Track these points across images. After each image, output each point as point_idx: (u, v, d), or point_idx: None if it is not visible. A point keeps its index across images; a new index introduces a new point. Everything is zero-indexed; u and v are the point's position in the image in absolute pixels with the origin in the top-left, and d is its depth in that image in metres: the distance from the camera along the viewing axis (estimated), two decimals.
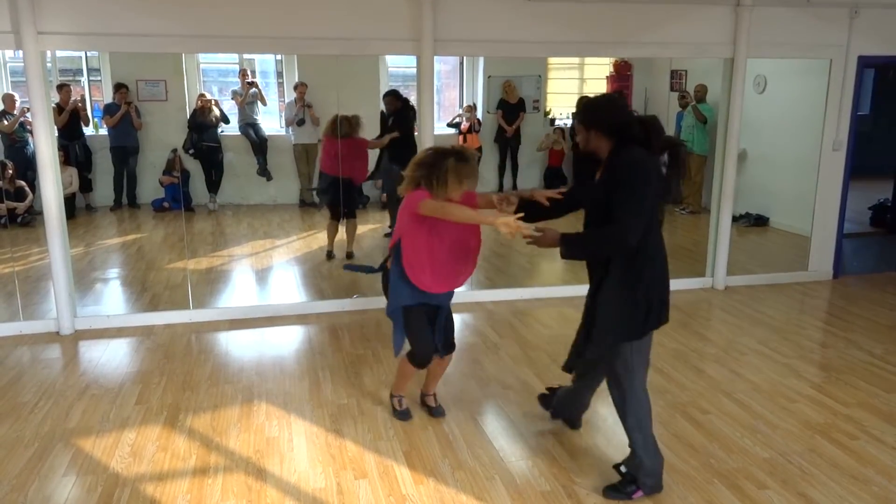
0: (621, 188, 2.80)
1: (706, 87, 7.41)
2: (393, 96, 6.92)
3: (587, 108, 3.05)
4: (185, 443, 3.52)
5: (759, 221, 7.59)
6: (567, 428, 3.68)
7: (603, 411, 3.91)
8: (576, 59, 8.34)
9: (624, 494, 3.05)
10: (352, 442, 3.53)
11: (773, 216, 7.56)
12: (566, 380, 3.59)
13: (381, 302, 5.59)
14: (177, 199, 7.25)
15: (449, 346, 3.66)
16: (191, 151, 7.42)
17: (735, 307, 5.69)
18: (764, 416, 3.82)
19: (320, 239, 7.15)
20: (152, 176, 7.45)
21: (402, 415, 3.78)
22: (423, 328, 3.51)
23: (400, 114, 6.77)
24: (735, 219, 6.45)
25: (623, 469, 3.11)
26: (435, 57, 5.31)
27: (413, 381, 3.85)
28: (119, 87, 7.14)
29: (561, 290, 5.94)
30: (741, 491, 3.13)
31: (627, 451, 3.10)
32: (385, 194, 7.60)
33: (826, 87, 6.14)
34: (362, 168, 6.75)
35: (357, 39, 5.16)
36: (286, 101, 7.84)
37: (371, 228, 7.52)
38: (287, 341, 4.98)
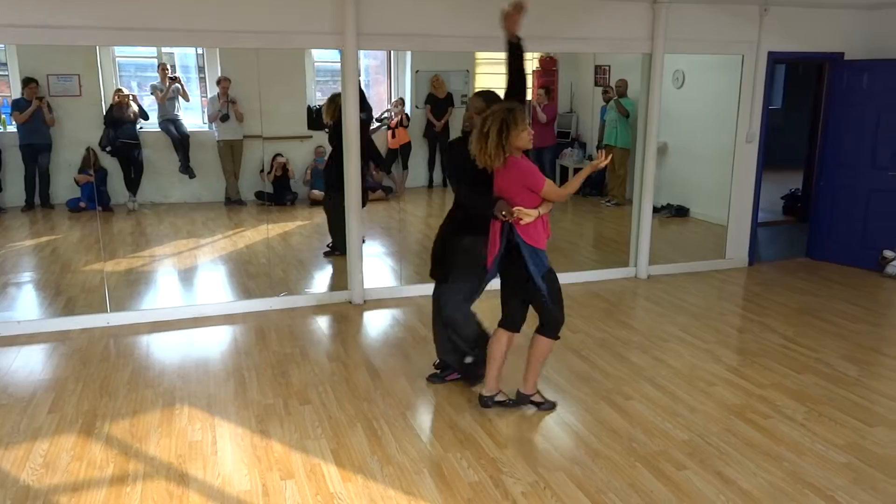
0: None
1: (627, 81, 7.60)
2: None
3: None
4: (102, 451, 3.39)
5: (680, 212, 7.85)
6: (494, 418, 3.72)
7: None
8: (503, 55, 8.41)
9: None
10: (278, 442, 3.47)
11: (693, 207, 7.83)
12: None
13: (307, 300, 5.55)
14: (93, 199, 6.96)
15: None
16: (108, 149, 7.12)
17: (657, 295, 5.87)
18: (684, 400, 3.96)
19: (247, 237, 7.00)
20: (67, 175, 7.12)
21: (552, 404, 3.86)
22: None
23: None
24: (657, 210, 6.65)
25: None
26: (361, 51, 5.27)
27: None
28: (28, 82, 6.78)
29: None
30: (661, 472, 3.23)
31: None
32: (314, 191, 7.52)
33: (739, 82, 6.40)
34: None
35: (280, 33, 5.07)
36: (209, 96, 7.63)
37: (299, 225, 7.41)
38: (211, 343, 4.86)
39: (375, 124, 7.30)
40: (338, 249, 6.42)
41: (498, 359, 3.76)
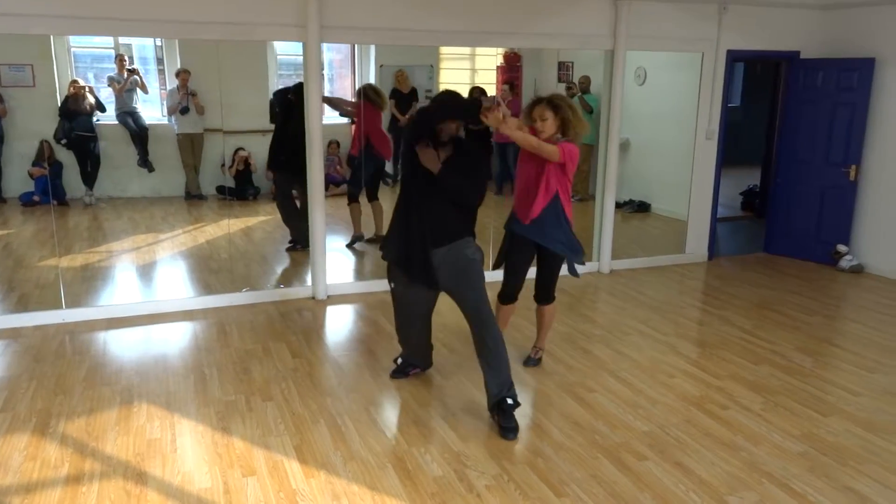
0: None
1: (590, 78, 7.66)
2: None
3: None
4: (56, 450, 3.31)
5: (642, 207, 7.95)
6: (459, 413, 3.72)
7: None
8: (467, 50, 8.41)
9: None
10: (240, 439, 3.43)
11: (654, 202, 7.93)
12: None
13: (269, 296, 5.48)
14: (47, 193, 6.77)
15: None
16: (63, 141, 6.94)
17: (619, 290, 5.95)
18: (645, 392, 4.01)
19: (208, 232, 6.89)
20: (20, 167, 6.91)
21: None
22: None
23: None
24: (619, 205, 6.73)
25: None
26: (325, 45, 5.22)
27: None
28: None
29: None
30: (623, 464, 3.27)
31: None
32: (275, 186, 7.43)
33: (699, 80, 6.50)
34: None
35: (241, 24, 4.99)
36: (168, 88, 7.47)
37: (262, 220, 7.32)
38: (171, 339, 4.77)
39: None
40: (298, 243, 6.40)
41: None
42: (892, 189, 6.36)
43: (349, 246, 6.74)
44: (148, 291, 5.91)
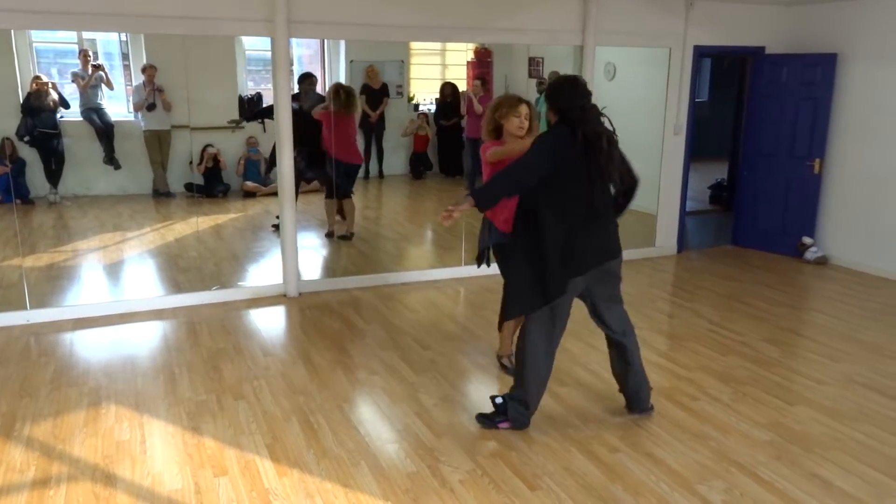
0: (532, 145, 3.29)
1: (559, 73, 7.69)
2: None
3: (550, 87, 3.47)
4: (22, 454, 3.24)
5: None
6: (432, 409, 3.73)
7: (466, 389, 4.00)
8: (438, 45, 8.40)
9: (492, 423, 3.51)
10: (211, 438, 3.39)
11: None
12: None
13: (240, 293, 5.43)
14: (9, 191, 6.62)
15: None
16: (26, 139, 6.79)
17: None
18: (616, 385, 4.04)
19: (176, 230, 6.80)
20: None
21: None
22: None
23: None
24: None
25: (498, 400, 3.53)
26: (295, 40, 5.17)
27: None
28: None
29: (427, 273, 6.01)
30: (595, 456, 3.31)
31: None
32: (247, 182, 7.36)
33: (667, 75, 6.57)
34: None
35: (207, 19, 4.92)
36: (134, 84, 7.35)
37: (232, 218, 7.25)
38: (140, 339, 4.70)
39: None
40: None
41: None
42: (854, 182, 6.50)
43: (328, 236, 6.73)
44: (115, 291, 5.82)
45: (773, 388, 4.06)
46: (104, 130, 7.12)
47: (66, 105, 6.94)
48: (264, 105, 7.28)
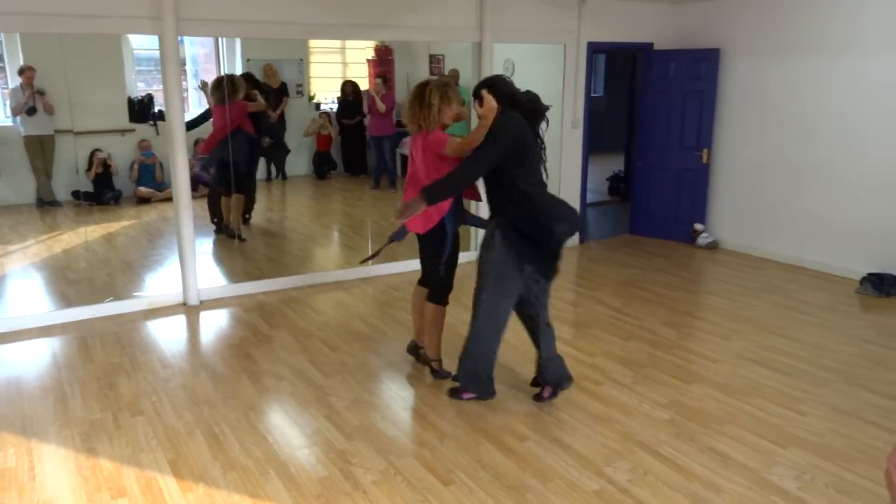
0: (489, 135, 3.44)
1: (459, 71, 7.77)
2: None
3: (490, 81, 3.66)
4: None
5: None
6: (342, 411, 3.68)
7: (377, 389, 3.98)
8: (337, 43, 8.29)
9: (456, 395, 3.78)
10: (108, 459, 3.22)
11: None
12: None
13: (136, 304, 5.18)
14: None
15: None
16: None
17: None
18: (522, 375, 4.12)
19: (64, 241, 6.42)
20: None
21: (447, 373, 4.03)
22: None
23: None
24: None
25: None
26: (188, 39, 4.97)
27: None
28: None
29: (333, 275, 5.93)
30: (505, 445, 3.35)
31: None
32: (140, 188, 7.02)
33: (563, 71, 6.75)
34: None
35: (89, 17, 4.65)
36: (10, 87, 6.87)
37: (125, 226, 6.90)
38: (25, 358, 4.40)
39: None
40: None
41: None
42: (738, 170, 6.89)
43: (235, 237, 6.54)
44: None
45: (671, 368, 4.25)
46: None
47: None
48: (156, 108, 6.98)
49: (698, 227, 7.17)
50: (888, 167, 5.74)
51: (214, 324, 5.07)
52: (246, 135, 6.49)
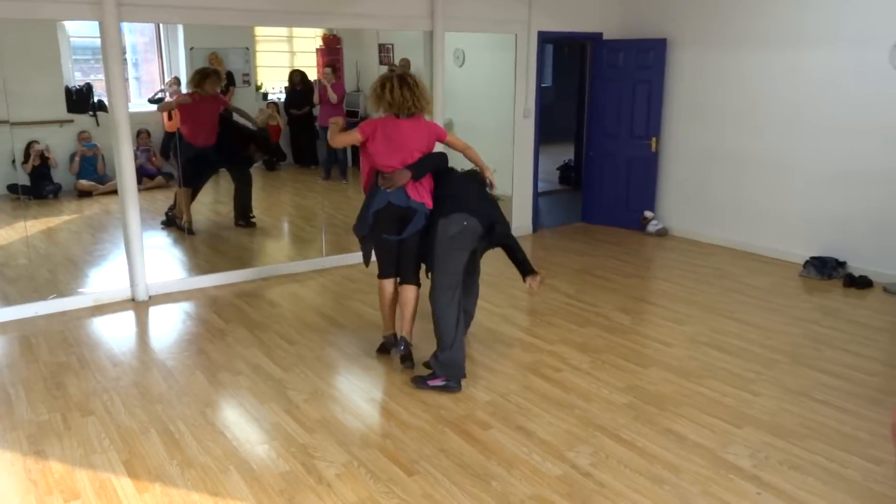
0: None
1: (409, 60, 7.70)
2: None
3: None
4: None
5: None
6: (302, 404, 3.62)
7: (336, 381, 3.93)
8: (284, 31, 8.13)
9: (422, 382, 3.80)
10: (58, 462, 3.09)
11: None
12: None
13: (82, 301, 5.00)
14: None
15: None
16: None
17: None
18: (484, 363, 4.14)
19: (1, 236, 6.13)
20: None
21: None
22: None
23: None
24: None
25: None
26: (127, 26, 4.79)
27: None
28: None
29: (287, 266, 5.83)
30: (469, 434, 3.36)
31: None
32: (81, 181, 6.76)
33: (514, 60, 6.77)
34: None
35: (23, 1, 4.43)
36: None
37: (66, 220, 6.63)
38: None
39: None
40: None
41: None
42: (687, 158, 7.03)
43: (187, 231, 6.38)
44: None
45: (627, 353, 4.32)
46: None
47: None
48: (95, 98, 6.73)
49: (648, 214, 7.30)
50: (829, 156, 5.94)
51: (165, 319, 4.92)
52: (235, 125, 6.49)
